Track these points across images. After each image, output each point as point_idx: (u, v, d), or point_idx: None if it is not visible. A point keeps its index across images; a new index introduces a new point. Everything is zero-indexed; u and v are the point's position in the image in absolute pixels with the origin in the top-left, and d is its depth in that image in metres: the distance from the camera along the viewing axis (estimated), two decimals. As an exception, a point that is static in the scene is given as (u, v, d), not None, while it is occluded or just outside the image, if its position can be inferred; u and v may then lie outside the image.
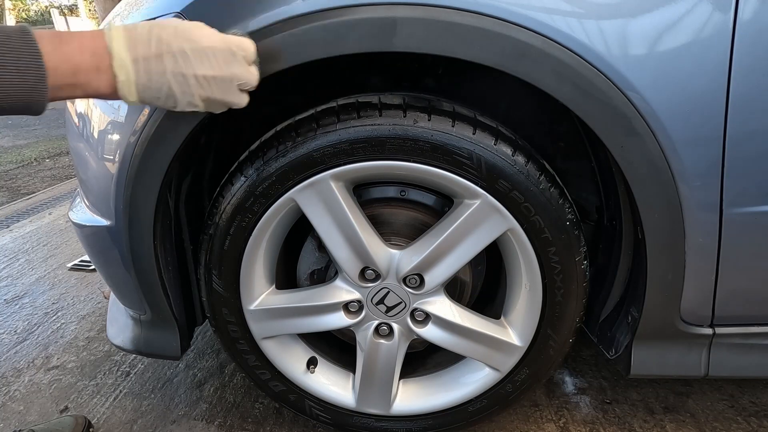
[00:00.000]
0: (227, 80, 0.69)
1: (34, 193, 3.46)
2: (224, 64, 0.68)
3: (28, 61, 0.59)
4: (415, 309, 0.99)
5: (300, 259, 1.12)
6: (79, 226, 1.05)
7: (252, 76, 0.72)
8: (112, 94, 0.66)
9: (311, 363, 1.09)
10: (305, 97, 0.98)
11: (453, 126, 0.84)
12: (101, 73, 0.64)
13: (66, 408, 1.33)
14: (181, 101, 0.69)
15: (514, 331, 1.01)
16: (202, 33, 0.68)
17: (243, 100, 0.73)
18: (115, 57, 0.64)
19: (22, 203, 3.21)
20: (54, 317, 1.79)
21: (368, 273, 0.96)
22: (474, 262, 1.07)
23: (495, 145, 0.84)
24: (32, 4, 26.41)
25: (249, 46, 0.72)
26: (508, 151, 0.85)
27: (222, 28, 0.79)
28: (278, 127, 0.91)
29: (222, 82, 0.69)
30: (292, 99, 1.00)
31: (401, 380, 1.10)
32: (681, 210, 0.83)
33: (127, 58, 0.64)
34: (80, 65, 0.62)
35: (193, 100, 0.69)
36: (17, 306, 1.88)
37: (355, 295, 0.99)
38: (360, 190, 1.03)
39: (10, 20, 20.19)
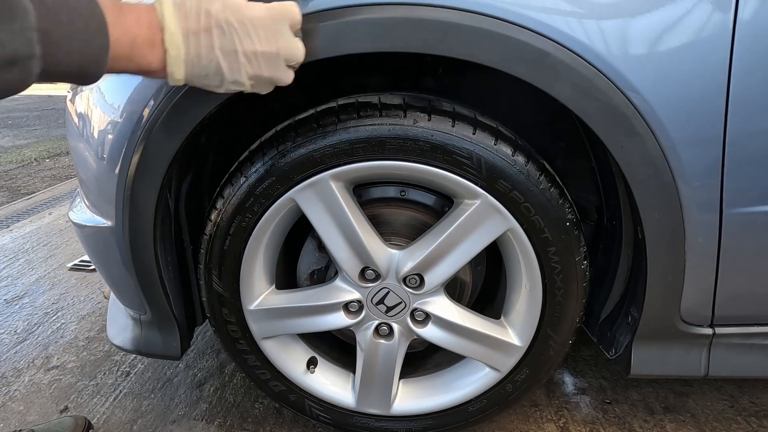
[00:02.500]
0: (274, 55, 0.67)
1: (34, 193, 3.46)
2: (271, 37, 0.66)
3: (94, 31, 0.57)
4: (415, 309, 0.99)
5: (300, 259, 1.12)
6: (79, 226, 1.05)
7: (298, 50, 0.70)
8: (161, 71, 0.65)
9: (311, 363, 1.09)
10: (305, 97, 0.98)
11: (453, 126, 0.84)
12: (154, 48, 0.62)
13: (66, 408, 1.33)
14: (228, 79, 0.67)
15: (514, 331, 1.01)
16: (248, 5, 0.66)
17: (289, 77, 0.71)
18: (166, 31, 0.62)
19: (22, 203, 3.21)
20: (54, 317, 1.79)
21: (368, 273, 0.96)
22: (474, 262, 1.07)
23: (495, 145, 0.84)
24: (32, 4, 26.36)
25: (293, 10, 0.69)
26: (508, 151, 0.85)
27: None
28: (278, 127, 0.91)
29: (269, 57, 0.67)
30: (292, 99, 1.00)
31: (401, 380, 1.10)
32: (681, 210, 0.83)
33: (177, 33, 0.62)
34: (137, 38, 0.61)
35: (240, 78, 0.67)
36: (17, 306, 1.88)
37: (355, 295, 0.99)
38: (360, 190, 1.03)
39: (10, 20, 20.12)
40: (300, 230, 1.04)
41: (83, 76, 0.59)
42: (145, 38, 0.61)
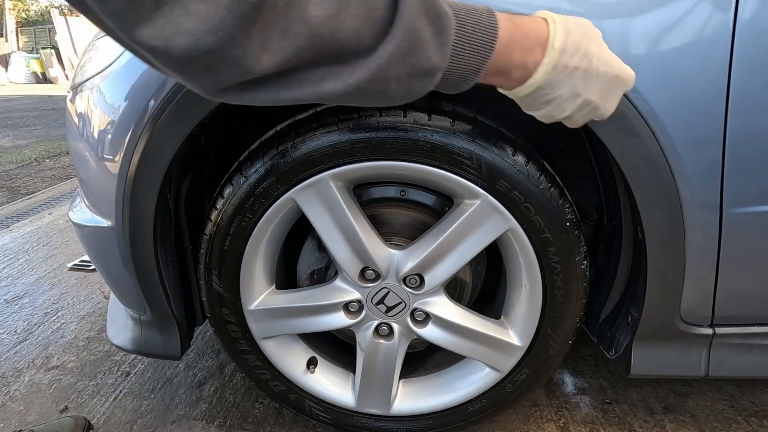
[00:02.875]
0: (595, 109, 0.66)
1: (34, 193, 3.46)
2: (608, 93, 0.66)
3: (485, 44, 0.55)
4: (415, 309, 0.99)
5: (300, 259, 1.12)
6: (79, 226, 1.05)
7: (612, 110, 0.69)
8: (507, 86, 0.63)
9: (311, 363, 1.09)
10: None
11: (453, 126, 0.84)
12: (522, 70, 0.60)
13: (66, 408, 1.33)
14: (549, 114, 0.66)
15: (514, 331, 1.01)
16: (612, 57, 0.65)
17: (580, 124, 0.70)
18: (542, 64, 0.60)
19: (22, 203, 3.20)
20: (54, 317, 1.79)
21: (368, 273, 0.96)
22: (474, 262, 1.07)
23: (495, 145, 0.84)
24: (32, 4, 26.41)
25: (633, 79, 0.68)
26: (508, 151, 0.85)
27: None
28: (278, 127, 0.91)
29: (592, 110, 0.66)
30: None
31: (401, 380, 1.10)
32: (681, 210, 0.83)
33: (550, 64, 0.60)
34: (512, 60, 0.59)
35: (557, 116, 0.66)
36: (17, 306, 1.88)
37: (355, 295, 0.99)
38: (360, 190, 1.03)
39: (10, 20, 20.16)
40: (300, 230, 1.04)
41: (457, 84, 0.58)
42: (519, 61, 0.60)
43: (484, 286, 1.14)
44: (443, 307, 0.99)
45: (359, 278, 0.97)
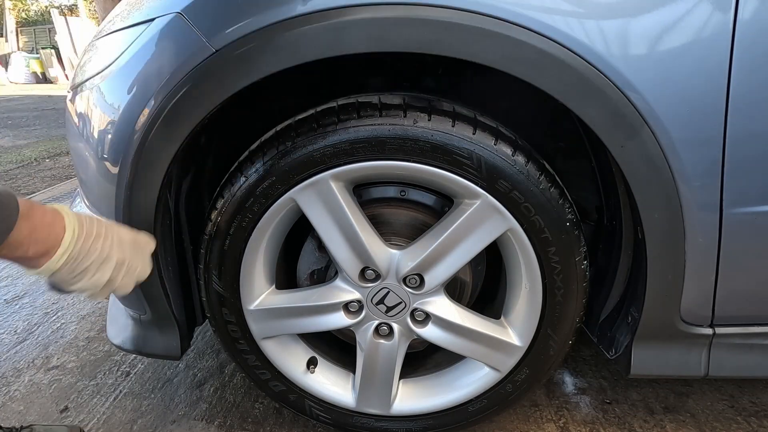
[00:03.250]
0: (132, 269, 0.78)
1: (34, 193, 3.46)
2: (136, 255, 0.78)
3: (3, 218, 0.62)
4: (415, 309, 0.99)
5: (300, 259, 1.12)
6: (79, 226, 1.05)
7: (148, 269, 0.83)
8: (34, 261, 0.69)
9: (311, 363, 1.09)
10: (305, 97, 0.98)
11: (453, 126, 0.84)
12: (48, 242, 0.68)
13: (66, 408, 1.33)
14: (91, 283, 0.73)
15: (514, 331, 1.01)
16: (126, 231, 0.78)
17: (129, 287, 0.80)
18: (61, 247, 0.68)
19: (22, 203, 3.20)
20: (54, 317, 1.79)
21: (368, 273, 0.96)
22: (474, 262, 1.07)
23: (495, 145, 0.84)
24: (32, 4, 26.42)
25: (152, 242, 0.84)
26: (508, 151, 0.85)
27: (221, 28, 0.79)
28: (278, 127, 0.91)
29: (131, 270, 0.78)
30: (292, 99, 1.00)
31: (401, 380, 1.10)
32: (681, 210, 0.83)
33: (70, 235, 0.69)
34: (35, 237, 0.66)
35: (99, 282, 0.73)
36: (17, 306, 1.88)
37: (355, 295, 0.99)
38: (360, 190, 1.03)
39: (11, 20, 20.16)
40: (300, 230, 1.04)
41: None
42: (44, 236, 0.67)
43: (484, 286, 1.14)
44: (443, 307, 0.99)
45: (359, 278, 0.97)
